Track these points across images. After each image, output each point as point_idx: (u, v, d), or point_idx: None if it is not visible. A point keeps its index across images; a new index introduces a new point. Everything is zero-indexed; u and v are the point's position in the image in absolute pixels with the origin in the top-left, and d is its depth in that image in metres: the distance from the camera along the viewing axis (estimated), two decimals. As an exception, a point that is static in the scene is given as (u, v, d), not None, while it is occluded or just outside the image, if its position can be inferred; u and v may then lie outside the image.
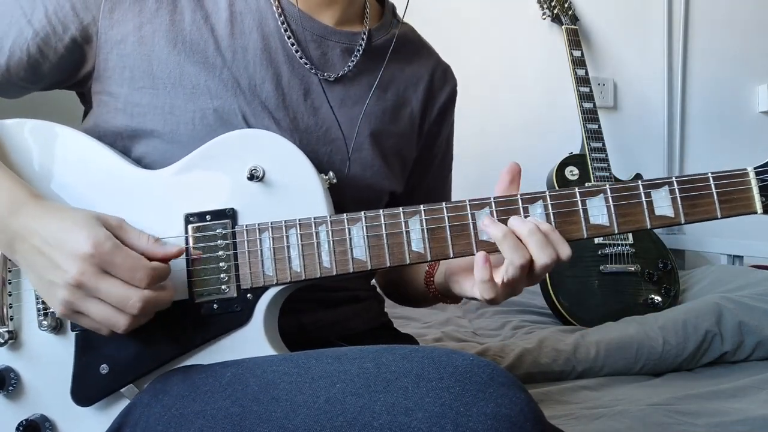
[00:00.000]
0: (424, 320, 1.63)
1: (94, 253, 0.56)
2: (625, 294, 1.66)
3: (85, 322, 0.59)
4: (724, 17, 2.34)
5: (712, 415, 0.94)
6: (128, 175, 0.68)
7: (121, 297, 0.57)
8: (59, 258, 0.57)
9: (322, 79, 0.76)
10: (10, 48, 0.70)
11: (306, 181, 0.66)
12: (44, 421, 0.64)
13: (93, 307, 0.57)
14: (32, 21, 0.69)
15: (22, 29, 0.69)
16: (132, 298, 0.57)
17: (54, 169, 0.68)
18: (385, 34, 0.82)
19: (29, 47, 0.70)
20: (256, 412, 0.54)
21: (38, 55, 0.70)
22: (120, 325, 0.58)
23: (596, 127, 1.91)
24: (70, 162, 0.68)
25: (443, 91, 0.88)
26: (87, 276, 0.56)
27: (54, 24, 0.69)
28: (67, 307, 0.58)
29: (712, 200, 0.63)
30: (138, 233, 0.61)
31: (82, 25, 0.70)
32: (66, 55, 0.71)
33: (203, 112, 0.70)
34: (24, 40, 0.70)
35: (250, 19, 0.74)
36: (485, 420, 0.47)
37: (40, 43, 0.70)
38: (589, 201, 0.63)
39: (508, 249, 0.61)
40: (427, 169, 0.92)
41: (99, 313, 0.57)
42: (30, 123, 0.69)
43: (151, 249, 0.60)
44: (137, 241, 0.60)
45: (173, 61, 0.70)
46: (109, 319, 0.58)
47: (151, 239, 0.61)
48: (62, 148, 0.68)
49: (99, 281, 0.56)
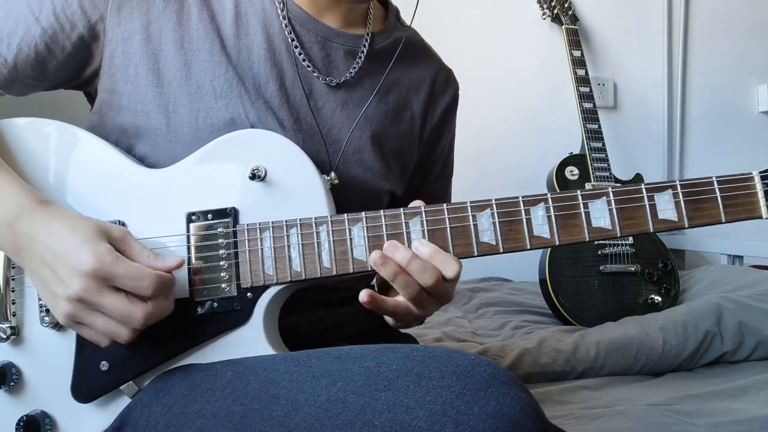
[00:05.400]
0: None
1: (97, 268, 0.56)
2: (625, 294, 1.66)
3: (86, 334, 0.60)
4: (724, 17, 2.34)
5: (712, 415, 0.94)
6: (130, 173, 0.68)
7: (125, 312, 0.57)
8: (62, 272, 0.57)
9: (324, 81, 0.76)
10: (18, 45, 0.70)
11: (308, 181, 0.66)
12: (44, 417, 0.64)
13: (96, 320, 0.58)
14: (40, 18, 0.69)
15: (30, 26, 0.70)
16: (136, 313, 0.57)
17: (56, 166, 0.68)
18: (388, 37, 0.82)
19: (37, 44, 0.70)
20: (257, 410, 0.54)
21: (46, 53, 0.71)
22: (122, 338, 0.59)
23: (596, 127, 1.91)
24: (73, 160, 0.68)
25: (445, 95, 0.88)
26: (90, 292, 0.56)
27: (62, 21, 0.70)
28: (69, 319, 0.58)
29: (717, 204, 0.62)
30: (140, 247, 0.61)
31: (90, 22, 0.70)
32: (73, 52, 0.71)
33: (207, 112, 0.70)
34: (32, 38, 0.70)
35: (255, 19, 0.74)
36: (486, 419, 0.47)
37: (47, 40, 0.70)
38: (591, 204, 0.63)
39: (397, 283, 0.62)
40: (428, 174, 0.92)
41: (102, 327, 0.58)
42: (33, 121, 0.69)
43: (153, 264, 0.60)
44: (139, 256, 0.60)
45: (179, 60, 0.70)
46: (111, 332, 0.58)
47: (152, 254, 0.61)
48: (65, 145, 0.68)
49: (103, 297, 0.57)
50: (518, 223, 0.63)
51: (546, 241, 0.63)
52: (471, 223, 0.64)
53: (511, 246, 0.63)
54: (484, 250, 0.63)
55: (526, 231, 0.63)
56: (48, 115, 0.70)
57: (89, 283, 0.56)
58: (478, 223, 0.63)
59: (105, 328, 0.58)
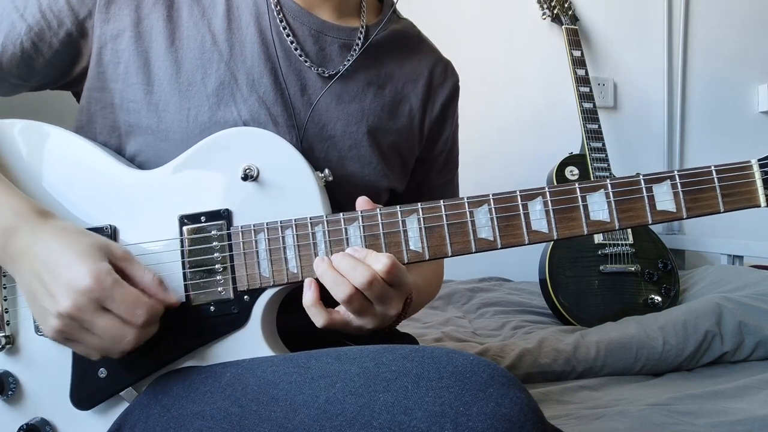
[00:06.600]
0: (424, 320, 1.62)
1: (94, 287, 0.55)
2: (625, 294, 1.66)
3: (77, 349, 0.59)
4: (723, 17, 2.33)
5: (712, 415, 0.94)
6: (121, 177, 0.67)
7: (116, 335, 0.56)
8: (55, 287, 0.55)
9: (319, 74, 0.75)
10: (3, 43, 0.69)
11: (301, 179, 0.65)
12: (44, 425, 0.64)
13: (86, 338, 0.57)
14: (25, 16, 0.69)
15: (15, 24, 0.69)
16: (127, 336, 0.57)
17: (46, 171, 0.67)
18: (384, 29, 0.81)
19: (23, 42, 0.69)
20: (256, 412, 0.54)
21: (32, 51, 0.70)
22: (113, 354, 0.58)
23: (596, 127, 1.91)
24: (63, 164, 0.67)
25: (444, 87, 0.86)
26: (83, 311, 0.55)
27: (48, 19, 0.69)
28: (58, 335, 0.57)
29: (715, 194, 0.61)
30: (143, 269, 0.60)
31: (78, 19, 0.70)
32: (61, 50, 0.70)
33: (198, 110, 0.69)
34: (17, 35, 0.69)
35: (247, 13, 0.73)
36: (485, 419, 0.47)
37: (34, 38, 0.69)
38: (589, 197, 0.62)
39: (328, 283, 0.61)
40: (430, 167, 0.90)
41: (93, 344, 0.57)
42: (21, 123, 0.68)
43: (154, 290, 0.59)
44: (141, 277, 0.59)
45: (170, 58, 0.70)
46: (101, 350, 0.58)
47: (156, 279, 0.60)
48: (55, 149, 0.67)
49: (95, 317, 0.56)
50: (516, 218, 0.63)
51: (544, 236, 0.62)
52: (468, 219, 0.63)
53: (509, 241, 0.63)
54: (482, 246, 0.63)
55: (524, 226, 0.62)
56: (37, 116, 0.69)
57: (83, 301, 0.55)
58: (475, 219, 0.63)
59: (96, 346, 0.57)
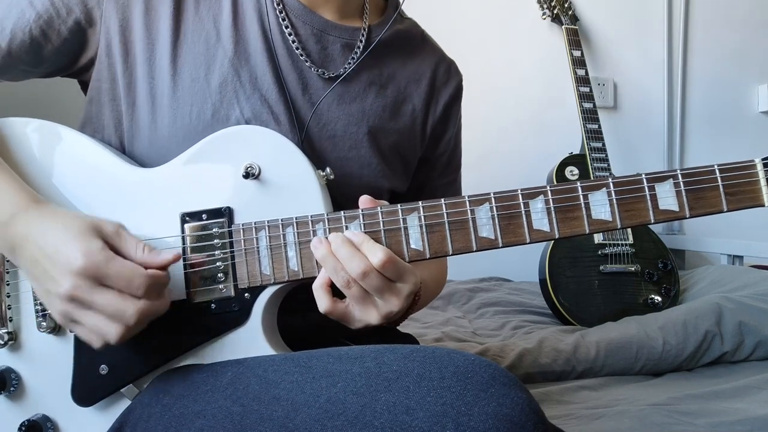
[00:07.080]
0: (424, 320, 1.62)
1: (87, 266, 0.55)
2: (625, 294, 1.66)
3: (80, 332, 0.59)
4: (724, 17, 2.33)
5: (712, 415, 0.94)
6: (124, 175, 0.67)
7: (117, 309, 0.56)
8: (54, 270, 0.56)
9: (320, 74, 0.75)
10: (12, 30, 0.69)
11: (303, 177, 0.65)
12: (46, 422, 0.64)
13: (88, 318, 0.56)
14: (34, 3, 0.69)
15: (24, 11, 0.69)
16: (128, 310, 0.56)
17: (52, 168, 0.67)
18: (387, 29, 0.80)
19: (32, 29, 0.69)
20: (257, 411, 0.54)
21: (41, 38, 0.70)
22: (112, 335, 0.57)
23: (596, 127, 1.91)
24: (70, 162, 0.68)
25: (447, 86, 0.86)
26: (81, 290, 0.55)
27: (57, 7, 0.69)
28: (64, 317, 0.57)
29: (718, 193, 0.61)
30: (135, 241, 0.59)
31: (86, 8, 0.70)
32: (69, 38, 0.71)
33: (201, 106, 0.69)
34: (26, 23, 0.69)
35: (251, 11, 0.73)
36: (486, 419, 0.47)
37: (43, 25, 0.69)
38: (591, 195, 0.62)
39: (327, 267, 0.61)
40: (433, 167, 0.90)
41: (94, 324, 0.57)
42: (35, 122, 0.69)
43: (147, 259, 0.59)
44: (133, 251, 0.59)
45: (174, 52, 0.70)
46: (101, 330, 0.57)
47: (147, 248, 0.59)
48: (64, 148, 0.68)
49: (93, 294, 0.55)
50: (517, 216, 0.62)
51: (546, 235, 0.62)
52: (469, 218, 0.63)
53: (511, 240, 0.63)
54: (483, 245, 0.62)
55: (525, 224, 0.62)
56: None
57: (80, 281, 0.55)
58: (476, 218, 0.63)
59: (97, 326, 0.57)
